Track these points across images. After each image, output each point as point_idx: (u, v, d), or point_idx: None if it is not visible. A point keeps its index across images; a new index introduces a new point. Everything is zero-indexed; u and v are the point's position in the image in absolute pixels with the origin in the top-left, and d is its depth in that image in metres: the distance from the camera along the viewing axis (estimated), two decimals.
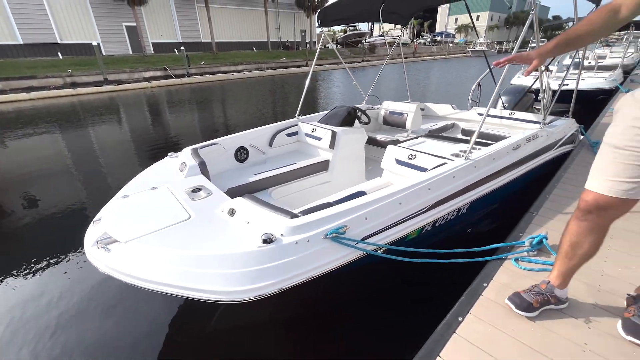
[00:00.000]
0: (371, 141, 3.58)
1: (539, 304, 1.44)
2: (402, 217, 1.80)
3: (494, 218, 2.72)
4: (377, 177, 2.72)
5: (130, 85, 14.52)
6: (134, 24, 20.06)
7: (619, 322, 1.35)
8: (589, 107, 6.23)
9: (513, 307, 1.47)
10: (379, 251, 1.71)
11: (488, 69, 4.38)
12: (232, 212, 1.72)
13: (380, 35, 28.78)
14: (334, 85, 15.11)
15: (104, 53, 18.77)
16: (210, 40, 23.37)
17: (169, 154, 2.63)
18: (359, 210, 1.64)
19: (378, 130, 4.19)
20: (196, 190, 2.03)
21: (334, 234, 1.52)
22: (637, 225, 2.06)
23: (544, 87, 3.05)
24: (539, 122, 3.07)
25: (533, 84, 4.44)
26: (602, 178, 1.21)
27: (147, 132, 7.55)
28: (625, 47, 8.18)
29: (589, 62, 9.62)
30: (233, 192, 2.46)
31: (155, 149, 6.13)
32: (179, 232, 1.60)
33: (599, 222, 1.26)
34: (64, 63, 15.65)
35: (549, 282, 1.47)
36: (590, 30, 1.23)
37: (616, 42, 15.76)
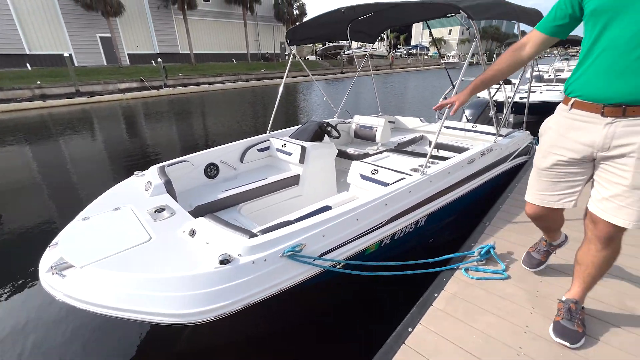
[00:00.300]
0: (343, 154, 3.69)
1: (545, 258, 1.88)
2: (359, 233, 1.88)
3: (454, 228, 2.85)
4: (346, 190, 2.81)
5: (104, 97, 14.13)
6: (109, 35, 19.67)
7: (551, 326, 1.47)
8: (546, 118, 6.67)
9: (529, 268, 1.89)
10: (337, 266, 1.78)
11: (451, 85, 4.65)
12: (192, 233, 1.74)
13: (359, 48, 29.59)
14: (313, 96, 15.31)
15: (76, 64, 18.25)
16: (188, 52, 23.23)
17: (135, 172, 2.60)
18: (316, 228, 1.71)
19: (350, 144, 4.32)
20: (159, 210, 2.03)
21: (291, 252, 1.57)
22: (576, 232, 2.23)
23: (495, 102, 3.29)
24: (495, 135, 3.29)
25: (492, 96, 4.74)
26: (533, 192, 1.47)
27: (121, 146, 7.37)
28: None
29: (549, 76, 10.34)
30: (201, 210, 2.47)
31: (129, 163, 6.00)
32: (137, 254, 1.60)
33: (547, 220, 1.56)
34: (32, 74, 15.08)
35: (546, 239, 1.83)
36: (500, 70, 1.43)
37: (575, 56, 16.91)
